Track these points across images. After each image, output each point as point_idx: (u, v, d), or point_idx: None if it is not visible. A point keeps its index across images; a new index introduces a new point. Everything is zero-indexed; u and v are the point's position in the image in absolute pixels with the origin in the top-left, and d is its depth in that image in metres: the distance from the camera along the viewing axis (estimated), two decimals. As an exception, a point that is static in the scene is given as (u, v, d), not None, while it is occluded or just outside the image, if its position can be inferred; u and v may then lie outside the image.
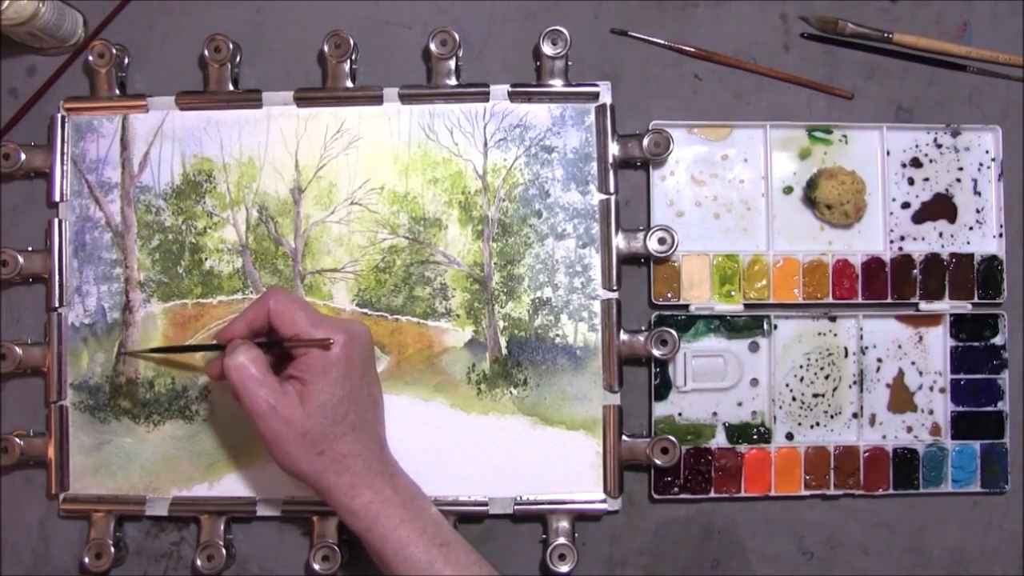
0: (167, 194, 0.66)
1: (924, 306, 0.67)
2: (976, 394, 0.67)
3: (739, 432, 0.66)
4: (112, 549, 0.63)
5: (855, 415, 0.66)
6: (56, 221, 0.65)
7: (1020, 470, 0.67)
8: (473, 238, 0.65)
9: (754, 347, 0.66)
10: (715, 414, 0.66)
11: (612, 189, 0.65)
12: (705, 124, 0.67)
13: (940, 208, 0.67)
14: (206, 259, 0.65)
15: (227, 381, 0.56)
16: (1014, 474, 0.67)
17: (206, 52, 0.65)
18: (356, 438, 0.56)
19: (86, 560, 0.63)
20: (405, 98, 0.65)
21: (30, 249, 0.65)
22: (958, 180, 0.68)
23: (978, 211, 0.67)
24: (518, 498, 0.64)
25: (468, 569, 0.55)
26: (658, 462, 0.63)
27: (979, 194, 0.68)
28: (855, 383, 0.67)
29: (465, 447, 0.64)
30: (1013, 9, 0.69)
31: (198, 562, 0.63)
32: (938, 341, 0.67)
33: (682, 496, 0.65)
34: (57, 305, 0.65)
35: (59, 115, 0.66)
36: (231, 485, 0.64)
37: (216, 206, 0.66)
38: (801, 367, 0.66)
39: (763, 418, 0.66)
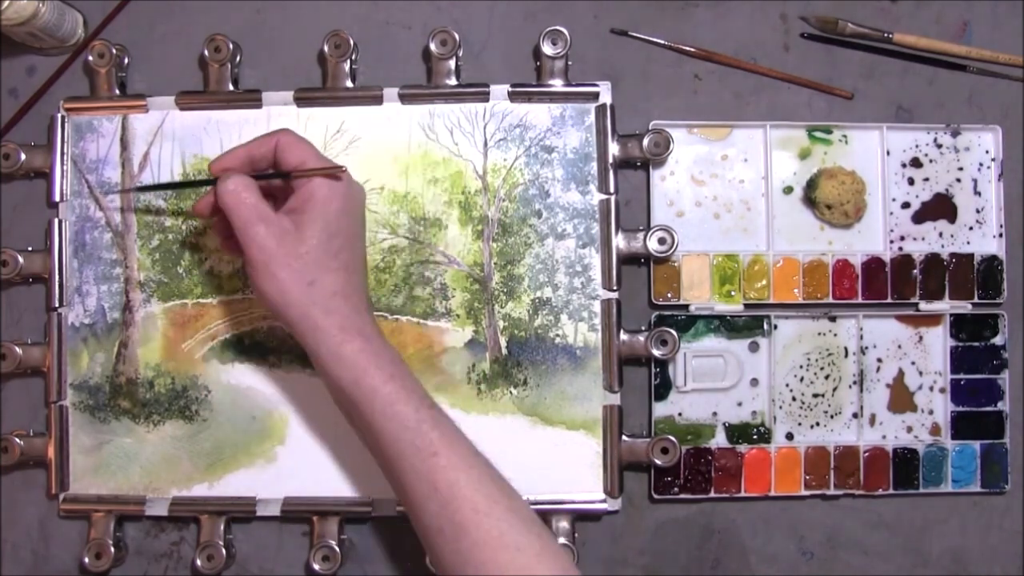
0: (167, 194, 0.66)
1: (924, 306, 0.67)
2: (976, 394, 0.67)
3: (739, 432, 0.66)
4: (112, 549, 0.63)
5: (855, 415, 0.66)
6: (56, 221, 0.65)
7: (1020, 470, 0.67)
8: (473, 238, 0.65)
9: (754, 347, 0.66)
10: (715, 414, 0.66)
11: (612, 189, 0.65)
12: (705, 124, 0.67)
13: (940, 208, 0.67)
14: (206, 259, 0.65)
15: (219, 211, 0.54)
16: (1014, 474, 0.67)
17: (206, 52, 0.65)
18: (347, 279, 0.54)
19: (86, 560, 0.63)
20: (405, 98, 0.65)
21: (30, 249, 0.65)
22: (958, 180, 0.68)
23: (978, 211, 0.68)
24: (518, 498, 0.64)
25: (454, 436, 0.53)
26: (658, 462, 0.63)
27: (979, 194, 0.68)
28: (855, 383, 0.67)
29: (465, 447, 0.64)
30: (1013, 9, 0.69)
31: (198, 562, 0.63)
32: (938, 341, 0.67)
33: (682, 496, 0.65)
34: (57, 305, 0.65)
35: (59, 115, 0.66)
36: (231, 485, 0.64)
37: (216, 206, 0.66)
38: (801, 367, 0.66)
39: (763, 418, 0.66)
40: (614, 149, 0.65)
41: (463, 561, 0.50)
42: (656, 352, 0.63)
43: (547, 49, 0.65)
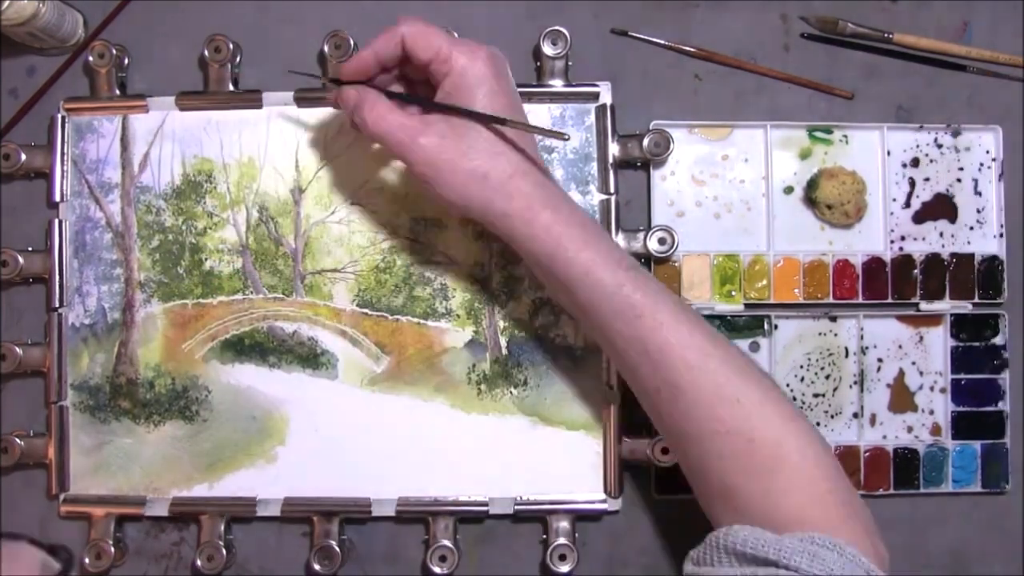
0: (167, 194, 0.66)
1: (924, 306, 0.67)
2: (976, 394, 0.67)
3: (739, 432, 0.66)
4: (112, 549, 0.63)
5: (855, 415, 0.66)
6: (56, 221, 0.65)
7: (1020, 470, 0.67)
8: (473, 238, 0.65)
9: (755, 347, 0.66)
10: (715, 414, 0.66)
11: (612, 189, 0.65)
12: (705, 124, 0.67)
13: (940, 208, 0.67)
14: (206, 259, 0.65)
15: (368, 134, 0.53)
16: (1014, 474, 0.67)
17: (206, 52, 0.65)
18: (518, 156, 0.53)
19: (86, 560, 0.63)
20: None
21: (30, 249, 0.65)
22: (958, 180, 0.68)
23: (978, 211, 0.68)
24: (518, 498, 0.64)
25: (658, 294, 0.51)
26: (659, 462, 0.63)
27: (979, 194, 0.68)
28: (855, 383, 0.67)
29: (465, 447, 0.64)
30: (1013, 9, 0.69)
31: (198, 562, 0.63)
32: (938, 341, 0.67)
33: (683, 496, 0.65)
34: (57, 305, 0.65)
35: (59, 115, 0.66)
36: (231, 485, 0.64)
37: (216, 206, 0.66)
38: (801, 367, 0.66)
39: (763, 418, 0.66)
40: (614, 149, 0.65)
41: (683, 419, 0.50)
42: (656, 352, 0.63)
43: (547, 49, 0.65)
